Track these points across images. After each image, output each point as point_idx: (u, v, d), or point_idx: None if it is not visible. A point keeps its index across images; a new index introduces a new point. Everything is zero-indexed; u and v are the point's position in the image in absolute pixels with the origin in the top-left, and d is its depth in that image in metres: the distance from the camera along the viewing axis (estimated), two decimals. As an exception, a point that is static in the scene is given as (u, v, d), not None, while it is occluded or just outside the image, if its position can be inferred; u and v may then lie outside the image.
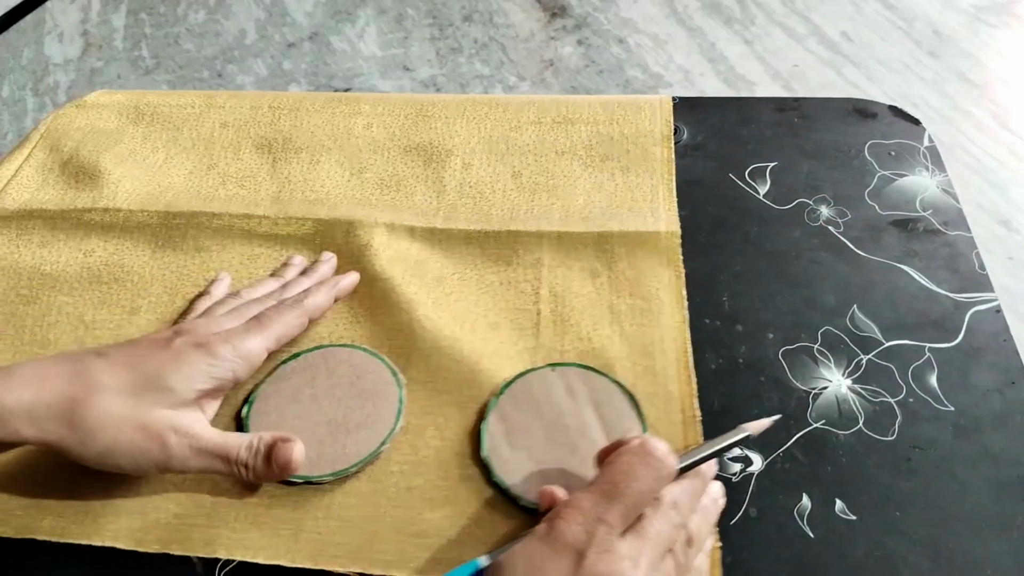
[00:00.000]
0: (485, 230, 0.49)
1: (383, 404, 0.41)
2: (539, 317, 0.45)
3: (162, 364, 0.37)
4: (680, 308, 0.45)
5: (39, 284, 0.48)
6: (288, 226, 0.50)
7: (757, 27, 1.74)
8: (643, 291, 0.46)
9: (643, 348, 0.43)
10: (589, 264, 0.47)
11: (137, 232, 0.50)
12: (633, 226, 0.49)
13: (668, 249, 0.48)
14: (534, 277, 0.47)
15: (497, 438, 0.39)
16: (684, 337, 0.44)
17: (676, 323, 0.44)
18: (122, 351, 0.38)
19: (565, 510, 0.31)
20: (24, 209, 0.52)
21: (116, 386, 0.36)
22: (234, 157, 0.56)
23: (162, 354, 0.37)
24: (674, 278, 0.47)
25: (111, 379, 0.36)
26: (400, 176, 0.54)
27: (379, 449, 0.39)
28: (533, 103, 0.58)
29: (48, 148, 0.57)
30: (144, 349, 0.38)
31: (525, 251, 0.48)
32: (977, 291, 0.46)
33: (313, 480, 0.38)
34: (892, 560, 0.36)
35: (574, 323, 0.45)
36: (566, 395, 0.41)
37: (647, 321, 0.44)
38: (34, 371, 0.36)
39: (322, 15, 1.82)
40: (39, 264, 0.49)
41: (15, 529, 0.37)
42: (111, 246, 0.50)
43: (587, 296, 0.46)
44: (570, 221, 0.50)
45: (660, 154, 0.54)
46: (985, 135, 1.48)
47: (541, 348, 0.43)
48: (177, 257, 0.49)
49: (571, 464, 0.38)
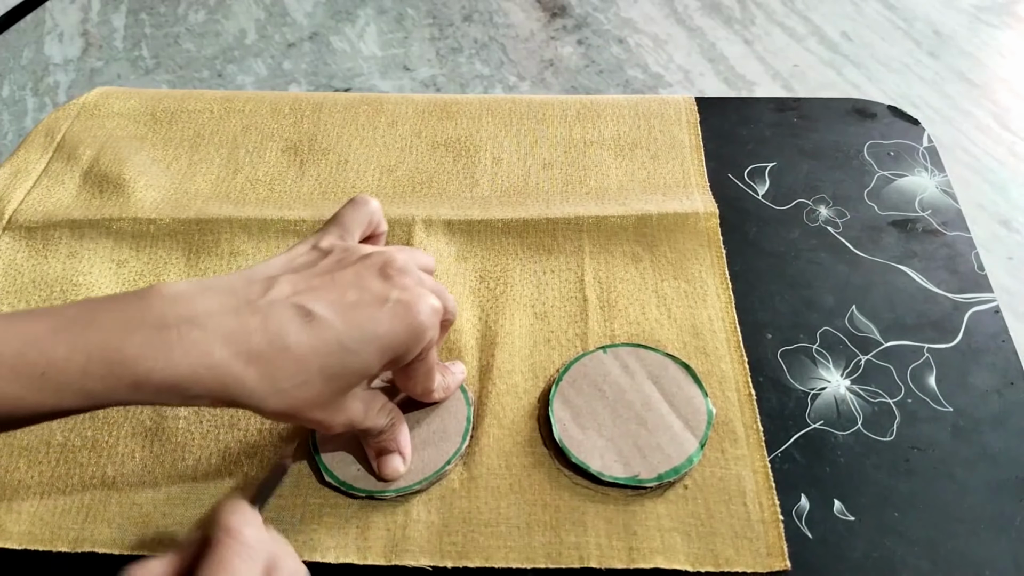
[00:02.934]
0: (523, 218, 0.50)
1: (451, 421, 0.40)
2: (586, 304, 0.46)
3: (371, 344, 0.31)
4: (725, 288, 0.46)
5: (72, 295, 0.47)
6: None
7: (757, 27, 1.74)
8: (686, 273, 0.47)
9: (693, 329, 0.44)
10: (630, 248, 0.48)
11: (169, 240, 0.50)
12: (671, 208, 0.50)
13: (708, 230, 0.49)
14: (576, 264, 0.48)
15: (565, 422, 0.40)
16: (732, 316, 0.45)
17: (723, 303, 0.45)
18: (332, 311, 0.31)
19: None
20: (49, 220, 0.51)
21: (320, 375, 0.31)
22: (260, 160, 0.55)
23: (377, 317, 0.31)
24: (716, 259, 0.48)
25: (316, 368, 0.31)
26: (431, 172, 0.54)
27: (443, 469, 0.39)
28: (556, 100, 0.59)
29: (66, 157, 0.55)
30: (361, 314, 0.31)
31: (565, 239, 0.49)
32: (976, 291, 0.46)
33: (376, 496, 0.38)
34: (891, 560, 0.36)
35: (622, 308, 0.45)
36: (623, 373, 0.42)
37: (693, 303, 0.45)
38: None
39: (322, 15, 1.82)
40: (70, 275, 0.48)
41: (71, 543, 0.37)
42: (144, 255, 0.49)
43: (631, 280, 0.47)
44: (606, 207, 0.50)
45: (689, 141, 0.55)
46: (985, 135, 1.48)
47: (591, 334, 0.44)
48: (213, 262, 0.49)
49: (642, 437, 0.39)
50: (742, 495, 0.37)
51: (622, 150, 0.55)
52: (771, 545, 0.36)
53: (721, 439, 0.39)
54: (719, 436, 0.40)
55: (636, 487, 0.37)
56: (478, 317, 0.45)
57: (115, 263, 0.49)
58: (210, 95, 0.61)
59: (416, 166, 0.55)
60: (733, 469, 0.38)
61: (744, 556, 0.35)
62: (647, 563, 0.35)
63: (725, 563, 0.35)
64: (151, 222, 0.50)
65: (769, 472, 0.38)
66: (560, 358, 0.43)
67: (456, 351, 0.44)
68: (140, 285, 0.47)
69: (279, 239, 0.50)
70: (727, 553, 0.36)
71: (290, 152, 0.56)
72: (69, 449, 0.40)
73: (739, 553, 0.36)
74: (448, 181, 0.53)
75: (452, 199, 0.52)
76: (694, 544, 0.36)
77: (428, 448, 0.39)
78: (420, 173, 0.54)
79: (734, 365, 0.43)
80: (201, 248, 0.49)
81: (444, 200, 0.52)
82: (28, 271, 0.48)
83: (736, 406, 0.41)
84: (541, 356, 0.43)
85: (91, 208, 0.52)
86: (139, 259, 0.49)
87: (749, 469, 0.38)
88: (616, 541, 0.36)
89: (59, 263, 0.49)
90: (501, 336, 0.44)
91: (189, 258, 0.49)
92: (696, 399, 0.40)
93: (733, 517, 0.37)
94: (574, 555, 0.36)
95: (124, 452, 0.40)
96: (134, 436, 0.41)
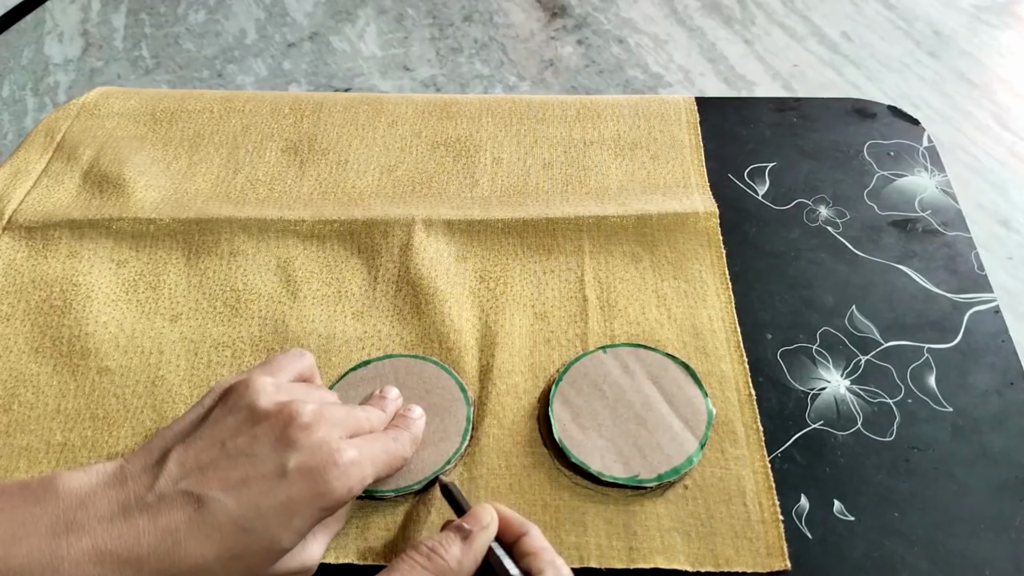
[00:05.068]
0: (523, 218, 0.50)
1: (451, 421, 0.40)
2: (586, 303, 0.46)
3: (270, 520, 0.29)
4: (725, 288, 0.46)
5: (72, 295, 0.47)
6: (325, 228, 0.50)
7: (757, 27, 1.74)
8: (686, 273, 0.47)
9: (693, 329, 0.44)
10: (630, 248, 0.48)
11: (169, 240, 0.50)
12: (670, 208, 0.50)
13: (707, 230, 0.49)
14: (576, 264, 0.48)
15: (565, 422, 0.40)
16: (732, 317, 0.45)
17: (723, 303, 0.45)
18: (222, 492, 0.29)
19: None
20: (48, 220, 0.51)
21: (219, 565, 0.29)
22: (260, 160, 0.55)
23: (274, 491, 0.29)
24: (716, 259, 0.48)
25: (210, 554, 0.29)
26: (431, 172, 0.54)
27: (443, 469, 0.38)
28: (555, 100, 0.59)
29: (66, 157, 0.55)
30: (254, 489, 0.29)
31: (565, 238, 0.49)
32: (976, 292, 0.46)
33: (376, 495, 0.38)
34: (890, 561, 0.36)
35: (622, 308, 0.45)
36: (623, 373, 0.42)
37: (694, 303, 0.45)
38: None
39: (322, 15, 1.82)
40: (70, 275, 0.48)
41: None
42: (144, 255, 0.49)
43: (631, 280, 0.47)
44: (606, 207, 0.50)
45: (689, 141, 0.55)
46: (985, 135, 1.48)
47: (591, 334, 0.44)
48: (213, 262, 0.48)
49: (642, 437, 0.39)
50: (742, 495, 0.37)
51: (622, 150, 0.55)
52: (771, 545, 0.36)
53: (721, 439, 0.39)
54: (719, 436, 0.40)
55: (636, 487, 0.38)
56: (478, 317, 0.45)
57: (115, 263, 0.49)
58: (210, 95, 0.61)
59: (416, 166, 0.54)
60: (733, 469, 0.38)
61: (744, 556, 0.35)
62: (647, 563, 0.35)
63: (725, 563, 0.35)
64: (151, 222, 0.50)
65: (769, 472, 0.38)
66: (560, 358, 0.43)
67: (456, 351, 0.44)
68: (139, 285, 0.47)
69: (278, 239, 0.50)
70: (727, 553, 0.36)
71: (290, 152, 0.56)
72: (69, 449, 0.40)
73: (739, 553, 0.36)
74: (448, 181, 0.53)
75: (452, 199, 0.52)
76: (694, 544, 0.36)
77: (427, 448, 0.39)
78: (420, 173, 0.54)
79: (734, 365, 0.43)
80: (201, 248, 0.49)
81: (444, 200, 0.52)
82: (28, 271, 0.48)
83: (736, 406, 0.41)
84: (541, 356, 0.43)
85: (91, 208, 0.52)
86: (139, 259, 0.49)
87: (749, 469, 0.38)
88: (616, 541, 0.36)
89: (59, 263, 0.49)
90: (501, 336, 0.44)
91: (189, 258, 0.49)
92: (696, 399, 0.40)
93: (733, 517, 0.37)
94: (574, 555, 0.36)
95: (124, 452, 0.40)
96: (134, 436, 0.41)
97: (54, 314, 0.46)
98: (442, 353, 0.44)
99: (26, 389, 0.42)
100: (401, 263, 0.48)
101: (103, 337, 0.45)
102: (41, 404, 0.42)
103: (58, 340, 0.45)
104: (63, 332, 0.45)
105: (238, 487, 0.29)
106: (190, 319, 0.46)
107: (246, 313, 0.46)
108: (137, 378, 0.43)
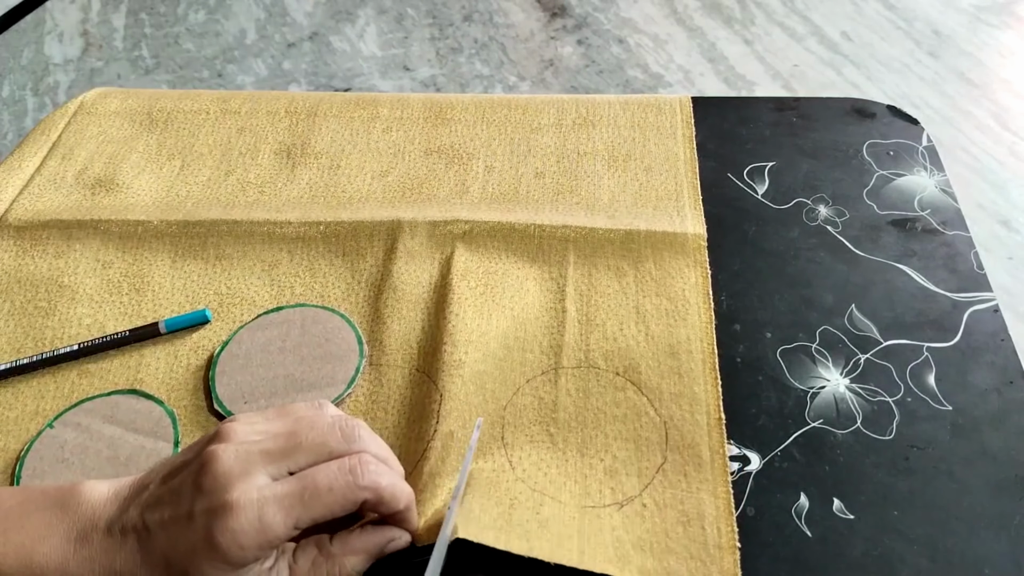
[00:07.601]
0: (510, 222, 0.50)
1: (340, 369, 0.43)
2: (564, 315, 0.45)
3: (190, 561, 0.30)
4: (707, 309, 0.45)
5: (57, 296, 0.47)
6: (311, 231, 0.50)
7: (757, 27, 1.74)
8: (669, 292, 0.46)
9: (669, 348, 0.43)
10: (615, 263, 0.48)
11: (156, 242, 0.50)
12: (660, 226, 0.49)
13: (695, 251, 0.48)
14: (560, 274, 0.47)
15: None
16: (711, 339, 0.44)
17: (703, 324, 0.45)
18: (157, 525, 0.31)
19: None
20: (38, 219, 0.51)
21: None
22: (252, 163, 0.55)
23: (186, 533, 0.30)
24: (701, 278, 0.47)
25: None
26: (422, 179, 0.54)
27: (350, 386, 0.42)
28: (552, 104, 0.59)
29: (61, 157, 0.55)
30: (172, 529, 0.30)
31: (551, 247, 0.49)
32: (975, 291, 0.46)
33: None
34: (890, 559, 0.36)
35: (600, 322, 0.45)
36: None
37: (673, 322, 0.45)
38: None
39: (322, 15, 1.82)
40: (56, 275, 0.48)
41: None
42: (130, 256, 0.49)
43: (613, 295, 0.46)
44: (596, 218, 0.50)
45: (683, 154, 0.55)
46: (985, 135, 1.48)
47: (566, 346, 0.44)
48: (198, 266, 0.48)
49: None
50: (701, 519, 0.37)
51: (615, 160, 0.54)
52: (725, 571, 0.35)
53: (685, 462, 0.39)
54: (683, 459, 0.39)
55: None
56: (456, 314, 0.45)
57: (100, 264, 0.49)
58: (207, 95, 0.61)
59: (408, 172, 0.54)
60: (695, 492, 0.38)
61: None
62: (598, 568, 0.34)
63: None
64: (139, 224, 0.50)
65: (731, 499, 0.37)
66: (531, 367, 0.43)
67: (432, 351, 0.43)
68: (124, 287, 0.47)
69: (265, 243, 0.50)
70: (680, 573, 0.35)
71: (283, 155, 0.56)
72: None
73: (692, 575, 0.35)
74: (438, 187, 0.53)
75: (441, 204, 0.52)
76: (648, 559, 0.35)
77: (313, 390, 0.42)
78: (411, 179, 0.54)
79: (707, 388, 0.42)
80: (187, 251, 0.49)
81: (432, 204, 0.52)
82: (14, 271, 0.48)
83: (704, 429, 0.40)
84: (514, 360, 0.43)
85: (81, 209, 0.52)
86: (124, 260, 0.49)
87: (711, 494, 0.38)
88: (567, 542, 0.36)
89: (45, 263, 0.49)
90: (477, 336, 0.44)
91: (175, 261, 0.49)
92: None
93: (690, 539, 0.36)
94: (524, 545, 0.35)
95: None
96: None
97: (38, 315, 0.46)
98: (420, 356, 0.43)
99: (5, 390, 0.42)
100: (384, 266, 0.48)
101: (85, 339, 0.45)
102: (20, 405, 0.42)
103: (40, 341, 0.45)
104: (46, 334, 0.45)
105: (165, 523, 0.31)
106: None
107: (227, 317, 0.46)
108: (116, 381, 0.43)
